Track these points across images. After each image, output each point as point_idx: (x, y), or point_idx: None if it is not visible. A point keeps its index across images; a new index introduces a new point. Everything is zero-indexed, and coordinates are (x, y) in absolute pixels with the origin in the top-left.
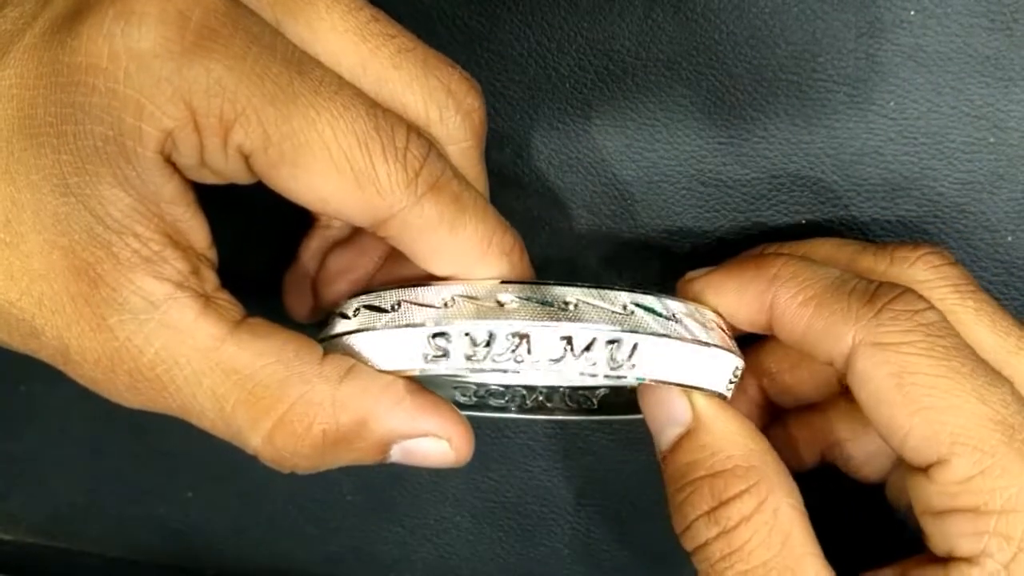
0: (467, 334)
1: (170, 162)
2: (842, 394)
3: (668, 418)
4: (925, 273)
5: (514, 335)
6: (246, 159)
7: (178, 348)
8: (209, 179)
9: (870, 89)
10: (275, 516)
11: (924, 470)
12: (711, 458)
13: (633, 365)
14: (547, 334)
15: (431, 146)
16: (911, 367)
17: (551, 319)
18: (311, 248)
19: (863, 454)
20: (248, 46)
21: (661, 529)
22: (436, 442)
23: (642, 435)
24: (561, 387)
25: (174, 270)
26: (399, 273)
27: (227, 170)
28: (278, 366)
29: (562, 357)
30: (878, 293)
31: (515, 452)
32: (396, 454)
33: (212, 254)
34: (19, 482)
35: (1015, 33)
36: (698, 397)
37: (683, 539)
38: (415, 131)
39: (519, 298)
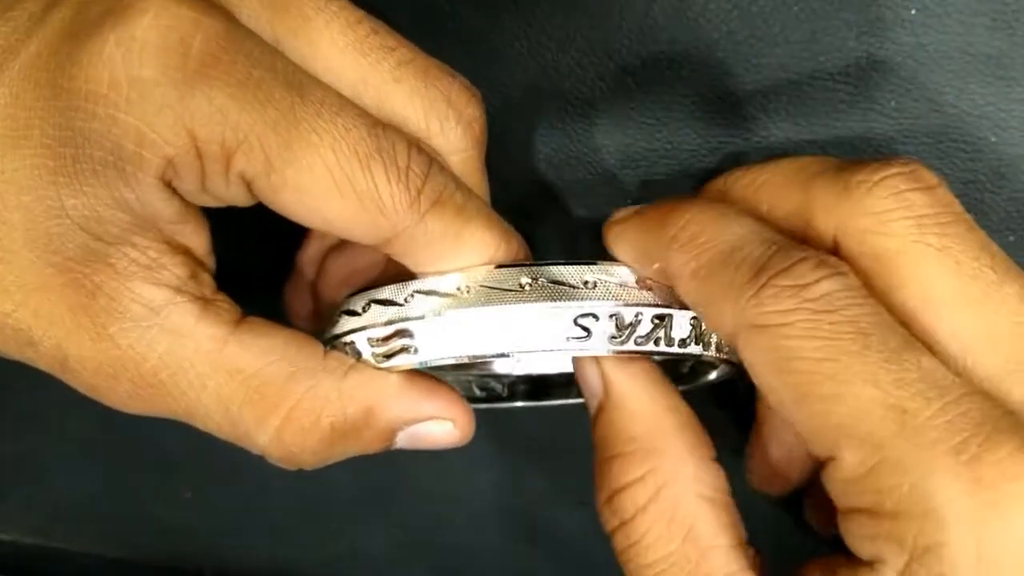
0: (613, 316)
1: (170, 187)
2: None
3: (587, 390)
4: (884, 202)
5: (656, 317)
6: (248, 184)
7: (181, 352)
8: (209, 203)
9: (871, 88)
10: (275, 516)
11: (824, 465)
12: (616, 438)
13: (727, 349)
14: (683, 316)
15: (432, 161)
16: (791, 352)
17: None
18: (309, 254)
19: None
20: (250, 71)
21: None
22: (440, 424)
23: None
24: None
25: (172, 275)
26: (400, 272)
27: (228, 195)
28: (282, 363)
29: (687, 339)
30: (767, 265)
31: (515, 453)
32: (402, 440)
33: (210, 260)
34: (18, 482)
35: (1017, 32)
36: (610, 367)
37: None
38: (416, 147)
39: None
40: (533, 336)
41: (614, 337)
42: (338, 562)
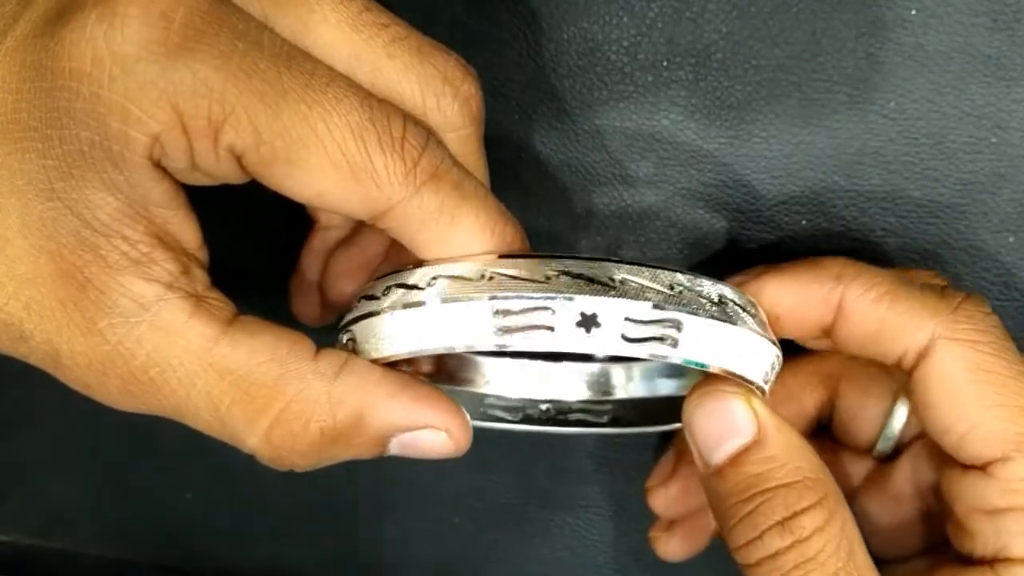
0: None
1: (159, 166)
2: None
3: (730, 431)
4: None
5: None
6: (238, 159)
7: (170, 350)
8: (201, 181)
9: (871, 89)
10: (275, 516)
11: (982, 467)
12: (780, 469)
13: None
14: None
15: (429, 135)
16: (986, 365)
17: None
18: (313, 251)
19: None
20: (234, 43)
21: None
22: (434, 433)
23: (641, 437)
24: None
25: (164, 271)
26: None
27: (219, 171)
28: (272, 364)
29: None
30: (948, 292)
31: (514, 454)
32: (395, 447)
33: (202, 253)
34: (18, 483)
35: (1017, 33)
36: (761, 410)
37: (747, 550)
38: (412, 120)
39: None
40: (749, 362)
41: (769, 378)
42: (338, 562)
